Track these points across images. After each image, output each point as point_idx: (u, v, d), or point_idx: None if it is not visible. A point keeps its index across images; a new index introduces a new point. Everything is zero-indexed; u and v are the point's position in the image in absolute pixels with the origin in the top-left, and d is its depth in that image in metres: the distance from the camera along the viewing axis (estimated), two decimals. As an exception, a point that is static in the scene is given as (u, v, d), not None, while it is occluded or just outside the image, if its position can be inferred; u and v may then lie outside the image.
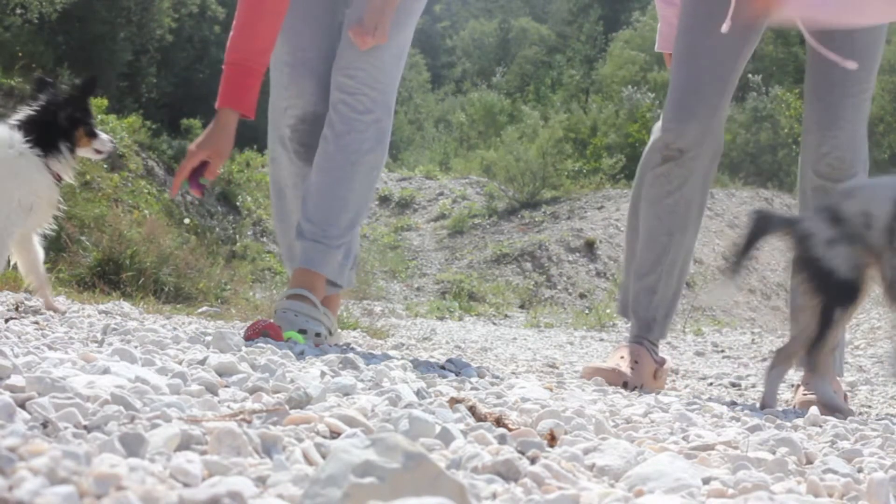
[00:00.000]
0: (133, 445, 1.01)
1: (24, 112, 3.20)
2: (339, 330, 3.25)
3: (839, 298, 2.32)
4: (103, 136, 3.31)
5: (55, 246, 3.86)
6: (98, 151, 3.32)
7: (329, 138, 2.80)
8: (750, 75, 24.44)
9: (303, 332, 2.59)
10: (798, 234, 2.39)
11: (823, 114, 2.71)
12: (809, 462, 1.43)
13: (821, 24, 2.65)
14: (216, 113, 2.72)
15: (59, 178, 3.22)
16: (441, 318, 10.47)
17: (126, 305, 4.41)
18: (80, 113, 3.21)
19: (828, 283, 2.31)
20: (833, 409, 2.30)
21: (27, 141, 3.11)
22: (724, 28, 2.66)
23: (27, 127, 3.14)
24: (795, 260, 2.42)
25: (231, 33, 2.71)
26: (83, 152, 3.31)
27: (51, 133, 3.15)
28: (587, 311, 12.10)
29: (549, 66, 36.38)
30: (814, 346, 2.36)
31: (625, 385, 2.67)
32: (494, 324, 10.52)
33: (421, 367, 2.30)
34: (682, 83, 2.77)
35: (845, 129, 2.69)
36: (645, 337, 2.88)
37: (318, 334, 2.62)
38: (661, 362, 2.91)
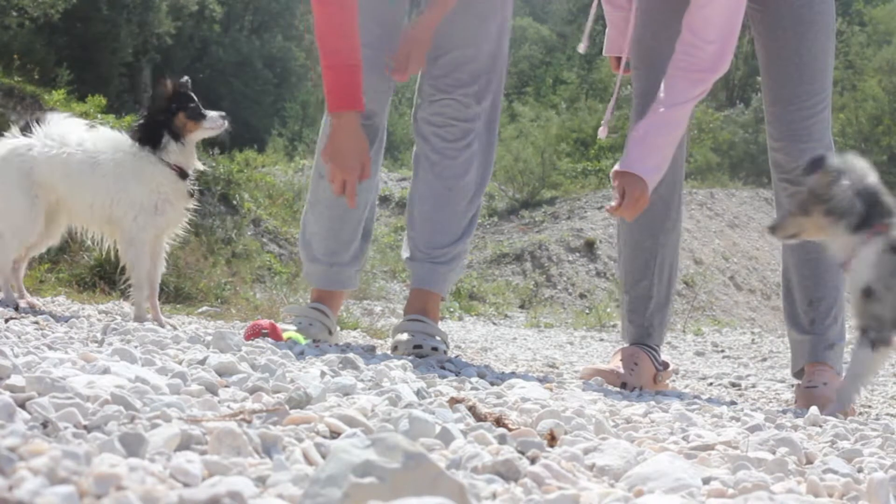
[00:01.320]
0: (133, 445, 1.00)
1: (135, 122, 3.36)
2: (339, 329, 3.25)
3: None
4: (212, 113, 3.32)
5: (56, 246, 3.85)
6: (210, 129, 3.32)
7: (426, 167, 2.90)
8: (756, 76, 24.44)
9: (418, 346, 2.73)
10: None
11: (786, 131, 2.75)
12: (809, 462, 1.42)
13: None
14: (336, 119, 2.68)
15: (182, 173, 3.25)
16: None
17: (126, 305, 4.41)
18: (175, 104, 3.25)
19: None
20: None
21: (136, 143, 3.21)
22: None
23: (135, 132, 3.25)
24: None
25: (320, 39, 2.69)
26: (197, 135, 3.31)
27: (155, 131, 3.23)
28: (587, 311, 12.09)
29: (548, 66, 36.33)
30: None
31: (623, 386, 2.68)
32: (494, 324, 10.52)
33: (421, 367, 2.30)
34: (642, 89, 2.86)
35: (810, 143, 2.72)
36: (644, 343, 2.90)
37: (434, 349, 2.74)
38: (664, 366, 2.92)
